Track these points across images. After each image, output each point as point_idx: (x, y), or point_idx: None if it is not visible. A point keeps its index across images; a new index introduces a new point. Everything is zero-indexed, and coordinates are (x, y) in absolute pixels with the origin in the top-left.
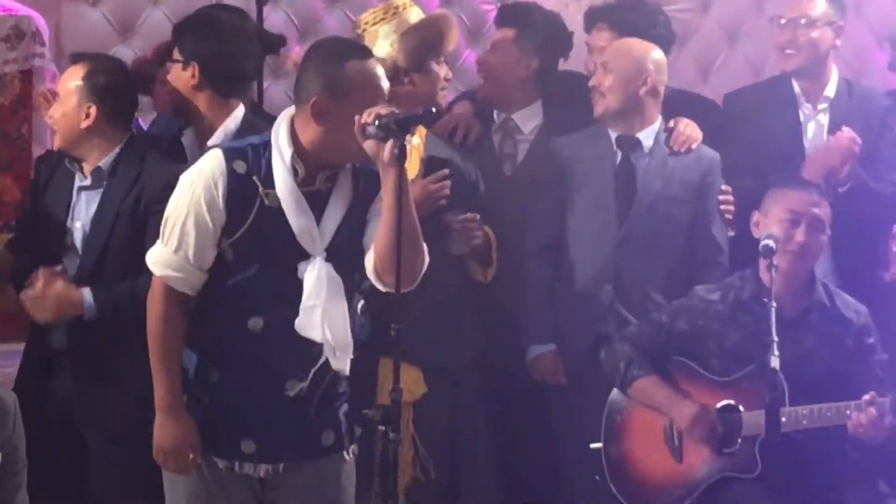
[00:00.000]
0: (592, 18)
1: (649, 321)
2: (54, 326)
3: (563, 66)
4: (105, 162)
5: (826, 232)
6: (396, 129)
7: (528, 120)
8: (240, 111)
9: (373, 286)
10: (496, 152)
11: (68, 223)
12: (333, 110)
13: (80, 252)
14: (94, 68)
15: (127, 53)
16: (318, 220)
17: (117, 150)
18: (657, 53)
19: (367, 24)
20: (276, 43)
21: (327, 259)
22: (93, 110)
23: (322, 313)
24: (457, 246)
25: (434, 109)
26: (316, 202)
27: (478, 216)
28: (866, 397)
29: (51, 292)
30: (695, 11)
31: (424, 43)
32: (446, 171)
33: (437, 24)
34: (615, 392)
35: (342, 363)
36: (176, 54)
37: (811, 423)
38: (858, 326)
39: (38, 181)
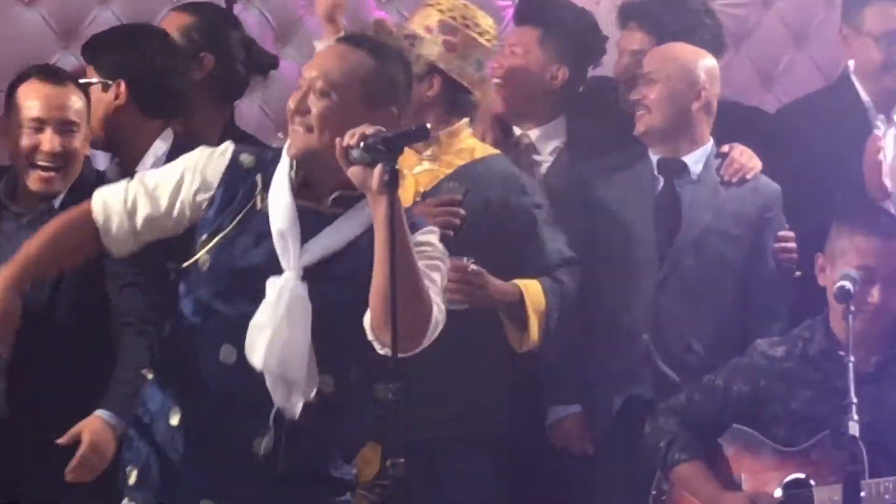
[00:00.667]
0: (625, 15)
1: (701, 387)
2: None
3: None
4: (58, 198)
5: None
6: (385, 151)
7: (548, 139)
8: (169, 133)
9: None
10: None
11: None
12: None
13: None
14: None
15: (70, 62)
16: (309, 239)
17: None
18: (710, 61)
19: None
20: (266, 63)
21: (304, 280)
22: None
23: (271, 336)
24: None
25: (429, 126)
26: (312, 220)
27: (472, 261)
28: None
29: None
30: (752, 6)
31: None
32: (458, 196)
33: None
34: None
35: (289, 402)
36: (91, 74)
37: None
38: None
39: None
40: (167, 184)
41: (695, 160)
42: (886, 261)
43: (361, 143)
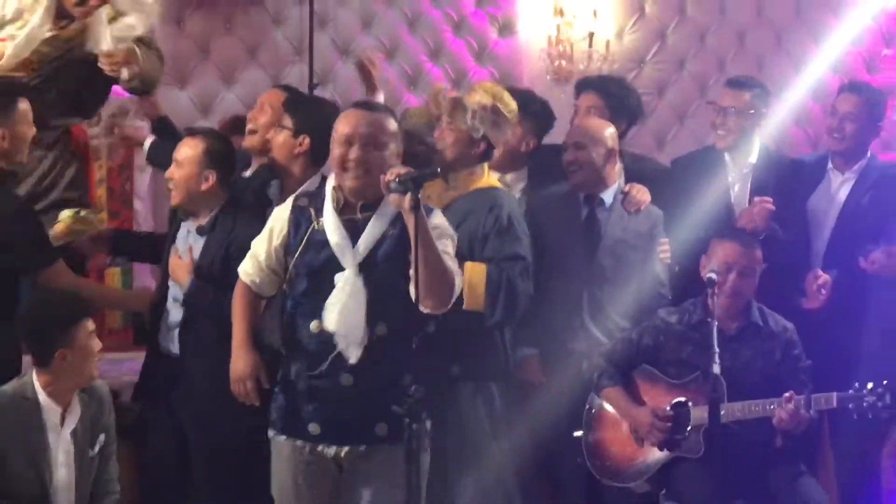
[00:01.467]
0: (582, 86)
1: (622, 339)
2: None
3: None
4: (207, 220)
5: (757, 273)
6: (412, 185)
7: (518, 181)
8: (318, 175)
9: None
10: None
11: (175, 255)
12: None
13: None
14: (212, 141)
15: (204, 126)
16: (357, 242)
17: (216, 211)
18: (612, 129)
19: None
20: None
21: (361, 272)
22: (212, 176)
23: (339, 311)
24: None
25: (439, 169)
26: (354, 228)
27: None
28: (786, 395)
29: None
30: (652, 95)
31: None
32: None
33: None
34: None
35: (348, 350)
36: (286, 121)
37: (744, 416)
38: (785, 340)
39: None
40: (271, 236)
41: (608, 195)
42: (740, 259)
43: (398, 179)
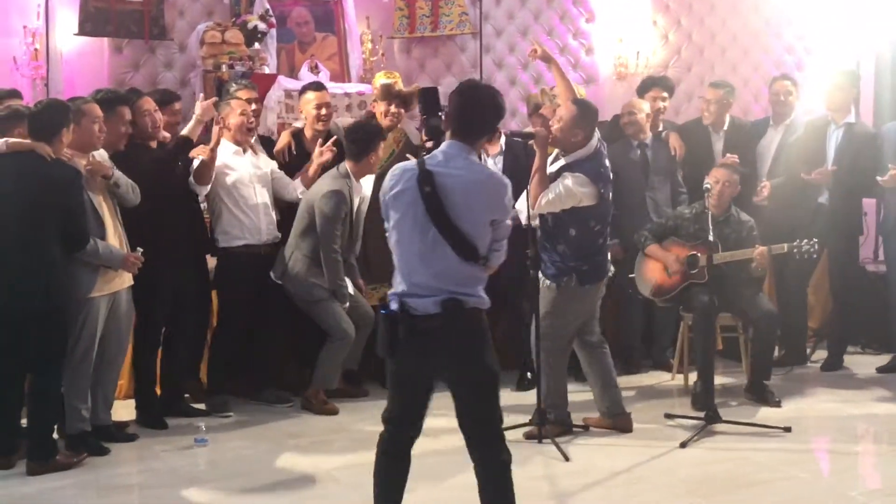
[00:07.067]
0: (650, 82)
1: (658, 220)
2: None
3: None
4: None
5: (734, 188)
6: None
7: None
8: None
9: None
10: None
11: None
12: None
13: None
14: None
15: None
16: None
17: None
18: (648, 105)
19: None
20: None
21: None
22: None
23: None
24: None
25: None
26: None
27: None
28: (759, 249)
29: None
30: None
31: None
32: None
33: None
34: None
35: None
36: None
37: (728, 260)
38: (748, 225)
39: None
40: None
41: (649, 140)
42: (723, 179)
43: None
